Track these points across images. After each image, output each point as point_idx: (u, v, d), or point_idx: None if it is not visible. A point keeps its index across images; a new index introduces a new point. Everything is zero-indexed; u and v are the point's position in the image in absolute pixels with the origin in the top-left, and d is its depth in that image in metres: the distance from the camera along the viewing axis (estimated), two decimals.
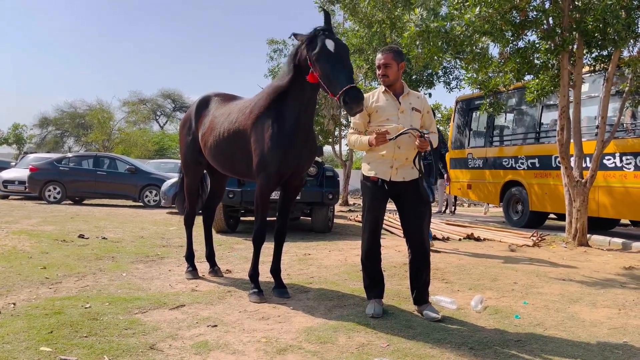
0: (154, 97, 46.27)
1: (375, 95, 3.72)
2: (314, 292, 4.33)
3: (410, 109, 3.67)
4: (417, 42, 6.27)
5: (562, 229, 9.00)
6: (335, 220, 10.06)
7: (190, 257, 4.96)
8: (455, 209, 16.27)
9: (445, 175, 8.32)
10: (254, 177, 4.20)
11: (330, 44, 3.51)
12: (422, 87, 12.88)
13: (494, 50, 9.83)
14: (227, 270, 5.20)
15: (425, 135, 3.51)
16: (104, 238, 7.07)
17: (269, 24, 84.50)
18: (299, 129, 3.92)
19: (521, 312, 3.84)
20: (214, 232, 8.33)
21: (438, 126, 19.30)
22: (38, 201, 15.54)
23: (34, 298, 3.80)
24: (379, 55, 3.71)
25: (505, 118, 12.09)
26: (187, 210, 5.03)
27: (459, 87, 13.36)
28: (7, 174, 17.05)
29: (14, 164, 19.73)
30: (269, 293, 4.16)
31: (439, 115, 21.32)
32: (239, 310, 3.71)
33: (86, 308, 3.54)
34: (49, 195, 15.28)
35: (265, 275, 4.53)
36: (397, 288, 4.51)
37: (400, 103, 3.67)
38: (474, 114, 12.71)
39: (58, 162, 15.73)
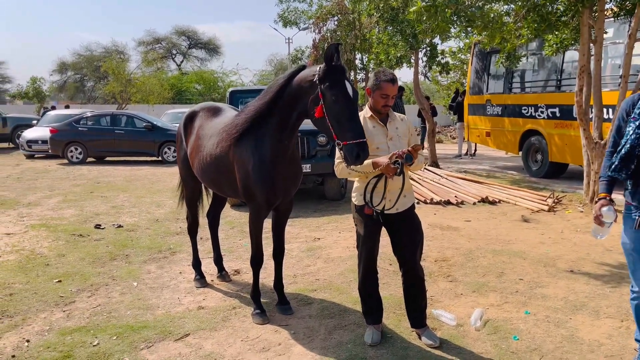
0: (168, 35, 45.50)
1: (362, 122, 3.53)
2: (316, 305, 4.40)
3: (397, 135, 3.56)
4: (424, 17, 5.86)
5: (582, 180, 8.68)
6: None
7: (197, 265, 5.07)
8: (475, 151, 16.01)
9: None
10: (242, 198, 4.18)
11: (349, 88, 3.30)
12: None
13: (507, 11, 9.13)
14: (235, 271, 5.32)
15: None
16: (119, 226, 7.25)
17: None
18: (282, 155, 3.82)
19: (521, 328, 3.86)
20: (228, 206, 8.50)
21: (454, 71, 18.38)
22: (61, 160, 15.88)
23: (47, 330, 3.98)
24: (388, 84, 3.45)
25: (527, 60, 11.48)
26: (190, 220, 5.07)
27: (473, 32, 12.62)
28: (30, 134, 17.36)
29: (35, 122, 20.00)
30: (273, 308, 4.29)
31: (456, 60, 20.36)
32: (241, 338, 3.83)
33: (94, 346, 3.70)
34: (72, 156, 15.62)
35: (269, 284, 4.63)
36: (400, 295, 4.50)
37: (388, 130, 3.54)
38: (492, 57, 12.13)
39: (76, 123, 15.92)
